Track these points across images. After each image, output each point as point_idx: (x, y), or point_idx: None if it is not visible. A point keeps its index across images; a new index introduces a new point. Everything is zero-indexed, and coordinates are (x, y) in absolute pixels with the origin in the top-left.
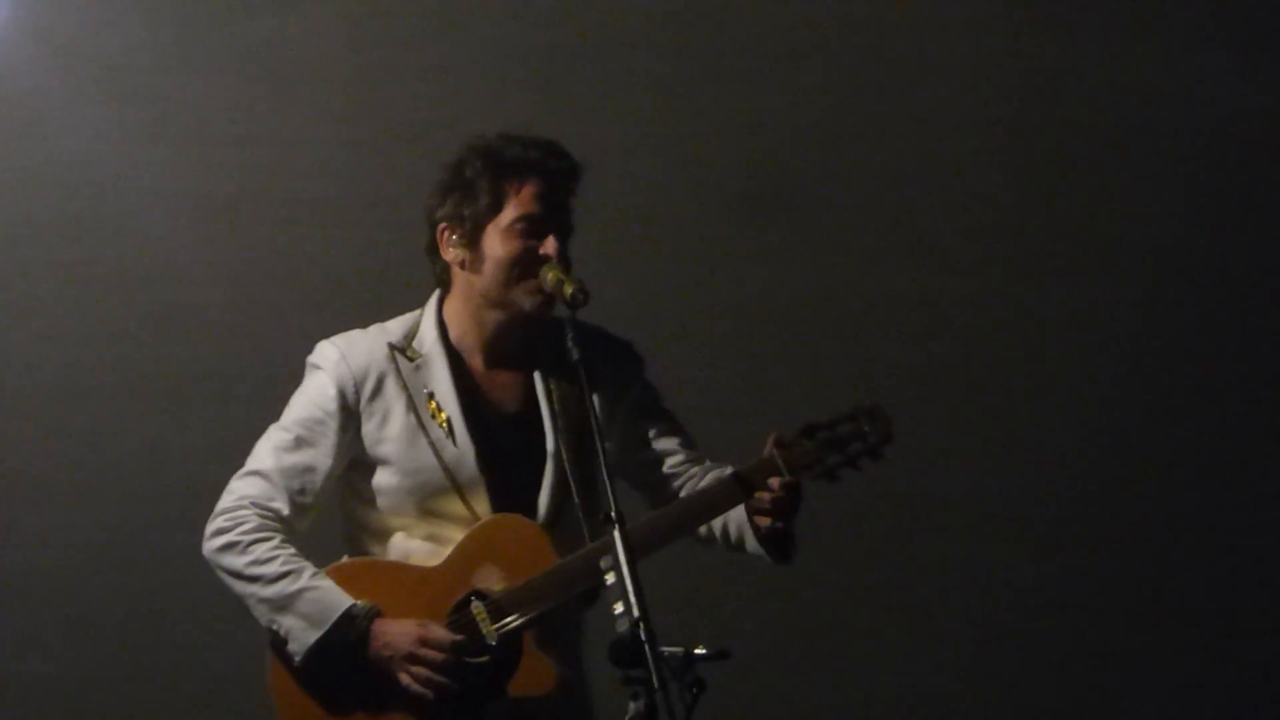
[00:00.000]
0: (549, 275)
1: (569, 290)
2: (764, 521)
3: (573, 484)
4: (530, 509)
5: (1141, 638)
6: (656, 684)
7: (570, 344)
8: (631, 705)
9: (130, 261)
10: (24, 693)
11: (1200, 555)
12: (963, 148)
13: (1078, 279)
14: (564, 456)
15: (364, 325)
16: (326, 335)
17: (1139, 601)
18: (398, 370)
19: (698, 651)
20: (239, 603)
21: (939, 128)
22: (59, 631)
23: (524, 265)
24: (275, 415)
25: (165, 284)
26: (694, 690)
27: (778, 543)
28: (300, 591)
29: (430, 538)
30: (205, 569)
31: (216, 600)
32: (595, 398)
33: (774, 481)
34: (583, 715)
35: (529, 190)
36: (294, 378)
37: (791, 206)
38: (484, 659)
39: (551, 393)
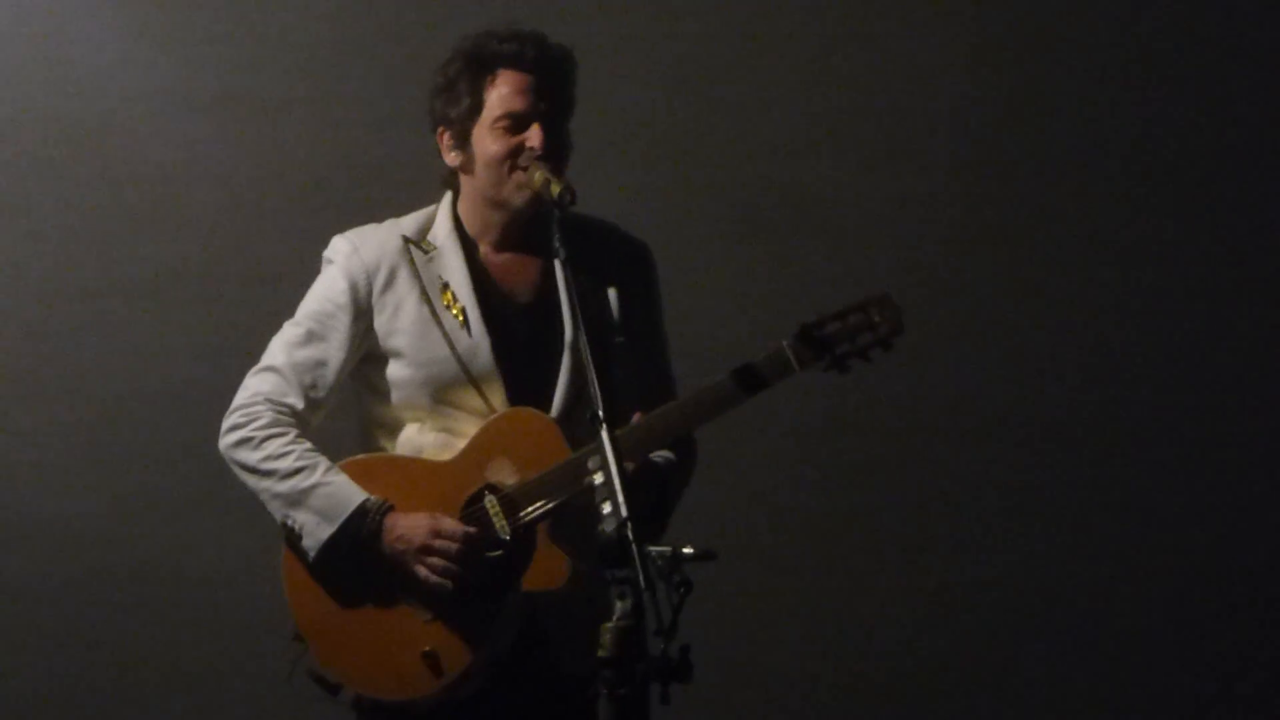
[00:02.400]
0: (536, 175)
1: (556, 191)
2: None
3: (594, 377)
4: (546, 401)
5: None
6: (643, 584)
7: (556, 243)
8: (618, 605)
9: (115, 160)
10: (13, 597)
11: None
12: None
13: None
14: (581, 348)
15: (348, 224)
16: (312, 234)
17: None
18: (411, 262)
19: (685, 551)
20: (252, 499)
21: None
22: (42, 530)
23: (510, 162)
24: (260, 313)
25: (150, 182)
26: (681, 590)
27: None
28: (314, 487)
29: (444, 431)
30: (190, 466)
31: (200, 497)
32: (611, 292)
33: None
34: (601, 608)
35: (507, 85)
36: (279, 276)
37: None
38: (498, 553)
39: (571, 284)
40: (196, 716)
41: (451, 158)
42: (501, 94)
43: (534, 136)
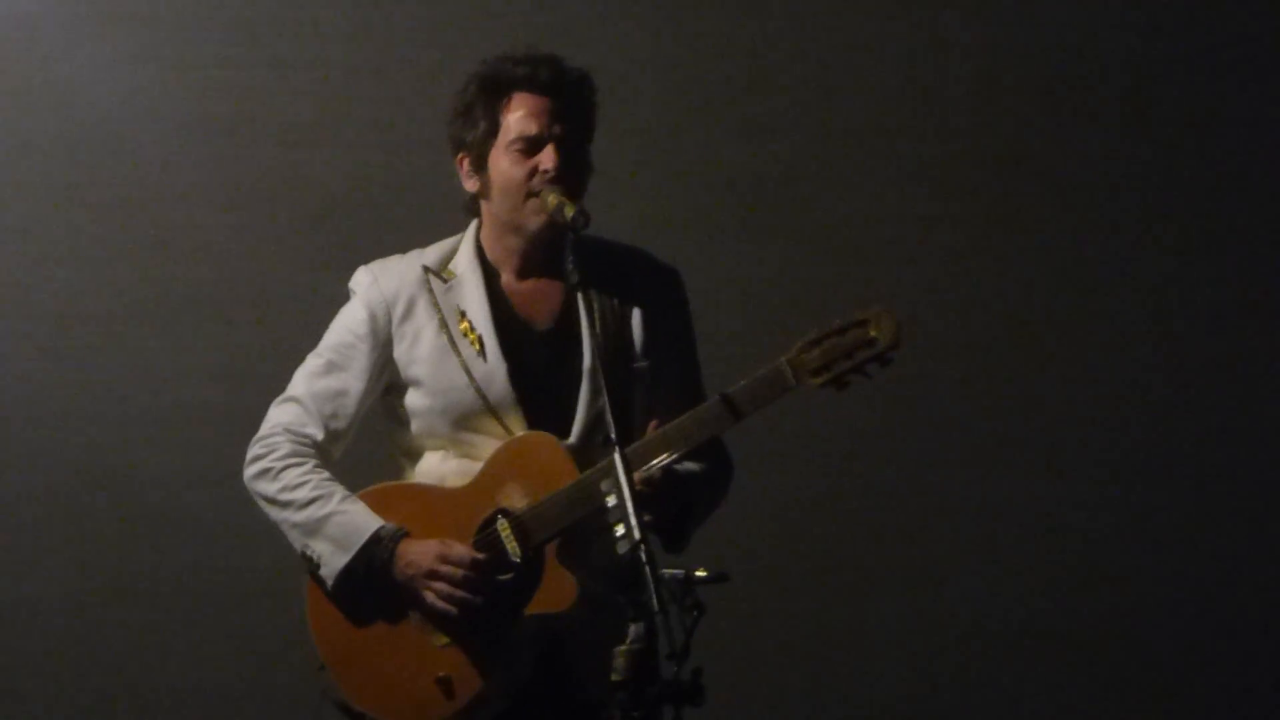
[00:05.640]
0: (549, 199)
1: (569, 213)
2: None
3: (608, 402)
4: (566, 427)
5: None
6: (656, 607)
7: (570, 266)
8: (631, 629)
9: (126, 184)
10: (27, 616)
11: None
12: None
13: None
14: (600, 373)
15: (359, 247)
16: (323, 257)
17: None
18: (430, 291)
19: (698, 574)
20: (265, 523)
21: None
22: (56, 554)
23: (526, 185)
24: (271, 335)
25: (161, 206)
26: (694, 613)
27: (661, 530)
28: (329, 515)
29: (466, 459)
30: (201, 489)
31: (213, 519)
32: (635, 317)
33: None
34: (614, 628)
35: (522, 108)
36: (291, 298)
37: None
38: (508, 576)
39: (593, 309)
40: None
41: (470, 184)
42: (516, 116)
43: (547, 159)
